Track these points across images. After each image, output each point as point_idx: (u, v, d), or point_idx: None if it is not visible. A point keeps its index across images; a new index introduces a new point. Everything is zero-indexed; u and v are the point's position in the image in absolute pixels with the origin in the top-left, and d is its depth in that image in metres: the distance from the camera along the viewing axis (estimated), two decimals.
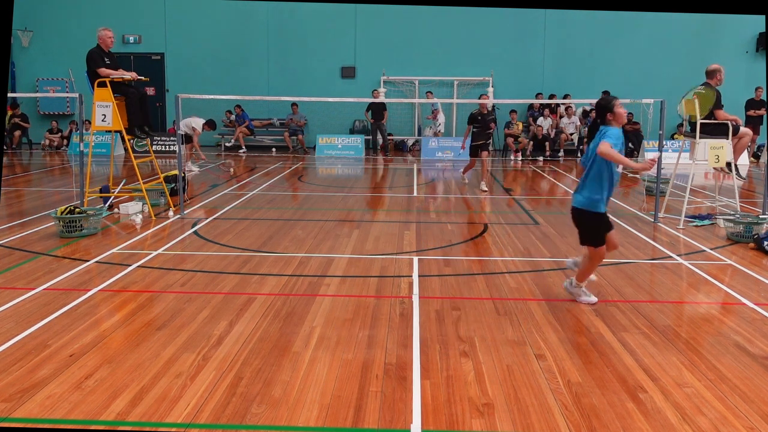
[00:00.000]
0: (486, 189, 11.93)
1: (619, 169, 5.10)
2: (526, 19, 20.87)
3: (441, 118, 20.04)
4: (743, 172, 11.44)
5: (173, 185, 10.20)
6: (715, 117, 8.66)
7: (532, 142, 18.99)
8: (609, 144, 4.91)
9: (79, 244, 7.39)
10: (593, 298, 5.43)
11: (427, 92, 20.24)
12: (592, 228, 5.25)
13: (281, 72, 21.21)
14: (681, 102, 9.01)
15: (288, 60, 21.25)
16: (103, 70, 8.93)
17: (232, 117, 20.24)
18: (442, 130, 20.06)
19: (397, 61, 20.89)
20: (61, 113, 21.29)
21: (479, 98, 13.60)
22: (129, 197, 9.89)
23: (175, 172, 10.55)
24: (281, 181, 13.55)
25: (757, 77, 18.97)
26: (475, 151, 12.25)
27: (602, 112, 5.20)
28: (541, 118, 19.39)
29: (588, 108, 19.49)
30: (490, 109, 12.48)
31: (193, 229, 8.31)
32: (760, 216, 8.35)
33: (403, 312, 5.18)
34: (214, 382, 3.87)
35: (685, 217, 8.73)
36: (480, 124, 12.14)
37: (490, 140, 12.17)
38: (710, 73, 8.85)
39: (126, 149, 12.27)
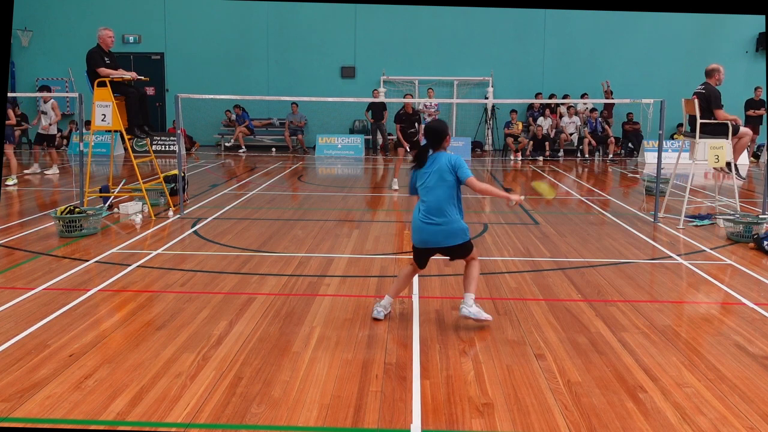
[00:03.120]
0: (396, 188, 11.97)
1: None
2: (526, 19, 20.88)
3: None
4: (743, 172, 11.45)
5: (173, 185, 10.21)
6: (715, 117, 8.66)
7: (531, 142, 18.99)
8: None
9: (78, 244, 7.39)
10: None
11: (428, 89, 20.13)
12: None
13: (281, 72, 21.22)
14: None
15: (288, 60, 21.25)
16: (103, 70, 8.93)
17: (232, 117, 20.25)
18: None
19: (397, 61, 20.88)
20: (60, 113, 21.25)
21: (404, 97, 13.55)
22: (129, 197, 9.89)
23: (175, 172, 10.55)
24: (281, 181, 13.55)
25: (757, 77, 18.97)
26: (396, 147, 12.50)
27: (439, 137, 4.73)
28: (541, 118, 19.38)
29: (589, 107, 19.50)
30: (415, 109, 12.59)
31: (193, 229, 8.31)
32: (760, 216, 8.34)
33: (402, 312, 5.18)
34: (214, 382, 3.87)
35: (685, 217, 8.73)
36: (405, 123, 12.29)
37: (415, 140, 12.29)
38: (709, 73, 8.87)
39: (126, 149, 12.27)
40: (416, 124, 12.32)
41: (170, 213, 9.24)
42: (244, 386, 3.82)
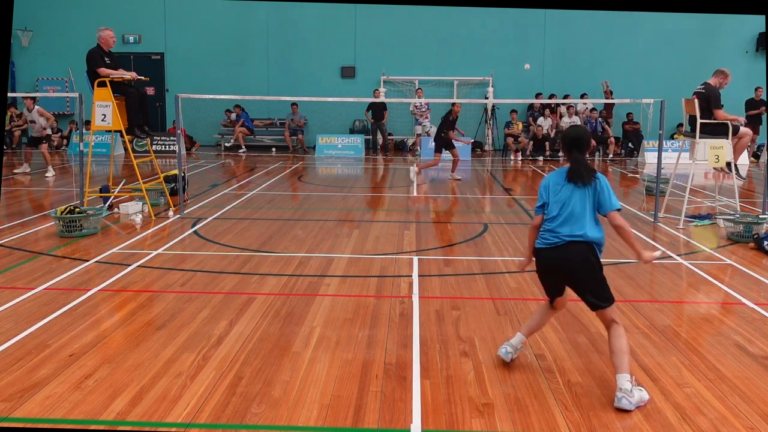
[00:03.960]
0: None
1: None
2: (526, 19, 20.87)
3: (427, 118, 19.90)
4: (743, 172, 11.45)
5: (173, 185, 10.20)
6: (714, 117, 8.65)
7: (531, 142, 18.99)
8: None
9: (78, 244, 7.39)
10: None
11: (417, 89, 20.11)
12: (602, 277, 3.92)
13: (281, 72, 21.21)
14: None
15: (288, 60, 21.24)
16: (103, 70, 8.93)
17: (232, 116, 20.25)
18: (432, 131, 19.95)
19: (397, 61, 20.88)
20: (60, 113, 21.27)
21: (453, 105, 13.67)
22: (129, 197, 9.89)
23: (175, 171, 10.55)
24: (281, 180, 13.55)
25: (757, 77, 18.96)
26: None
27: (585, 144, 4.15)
28: (542, 118, 19.38)
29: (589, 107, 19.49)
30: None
31: (193, 229, 8.31)
32: (760, 216, 8.34)
33: (403, 312, 5.18)
34: (214, 382, 3.87)
35: (685, 216, 8.73)
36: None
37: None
38: (716, 73, 8.84)
39: (126, 149, 12.27)
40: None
41: (170, 213, 9.24)
42: (244, 386, 3.82)
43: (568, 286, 3.99)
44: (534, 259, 4.07)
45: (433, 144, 13.83)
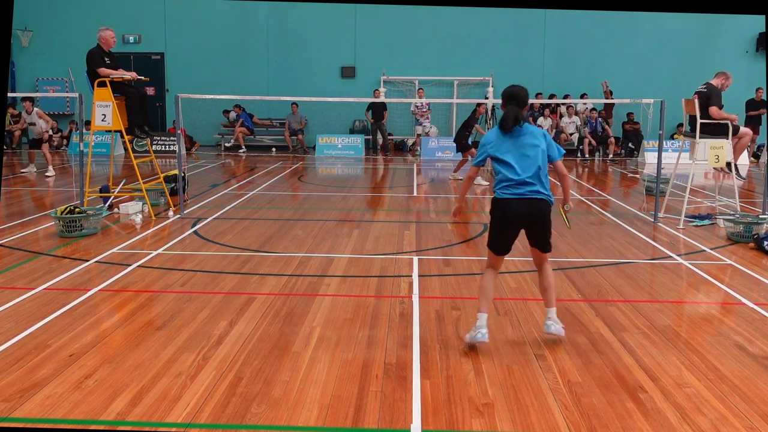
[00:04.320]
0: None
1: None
2: (526, 19, 20.87)
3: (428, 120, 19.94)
4: (743, 172, 11.45)
5: (173, 185, 10.20)
6: (709, 114, 8.64)
7: None
8: None
9: (78, 244, 7.39)
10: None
11: (418, 89, 20.13)
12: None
13: (281, 72, 21.21)
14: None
15: (288, 60, 21.24)
16: (103, 70, 8.92)
17: (231, 115, 20.23)
18: (432, 131, 19.97)
19: (397, 61, 20.88)
20: (61, 113, 21.28)
21: (478, 106, 13.83)
22: (129, 197, 9.89)
23: (175, 172, 10.55)
24: (281, 181, 13.55)
25: (757, 77, 18.96)
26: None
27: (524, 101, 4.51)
28: (541, 118, 19.38)
29: (589, 107, 19.50)
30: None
31: (193, 229, 8.31)
32: (760, 216, 8.34)
33: (403, 312, 5.18)
34: (214, 382, 3.87)
35: (685, 217, 8.73)
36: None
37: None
38: (718, 74, 8.86)
39: (126, 149, 12.26)
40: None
41: (170, 213, 9.24)
42: (244, 386, 3.82)
43: (529, 235, 4.54)
44: (491, 209, 4.57)
45: (455, 145, 13.81)
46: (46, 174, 13.77)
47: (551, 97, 20.06)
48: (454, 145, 13.86)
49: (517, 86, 4.64)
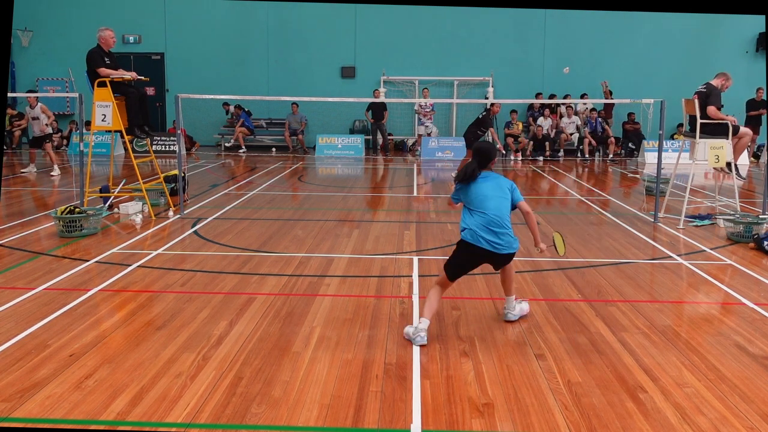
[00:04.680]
0: None
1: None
2: (526, 19, 20.87)
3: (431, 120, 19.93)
4: (743, 172, 11.44)
5: (173, 185, 10.21)
6: (707, 113, 8.64)
7: (532, 142, 18.99)
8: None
9: (79, 244, 7.39)
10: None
11: (424, 89, 20.14)
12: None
13: (281, 72, 21.21)
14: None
15: (288, 60, 21.24)
16: (103, 70, 8.92)
17: (230, 109, 20.19)
18: (433, 132, 19.97)
19: (397, 61, 20.88)
20: (61, 113, 21.27)
21: (491, 105, 13.91)
22: (129, 197, 9.89)
23: (175, 172, 10.55)
24: (281, 181, 13.55)
25: (757, 77, 18.97)
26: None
27: (489, 158, 4.81)
28: (542, 118, 19.37)
29: (589, 107, 19.49)
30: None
31: (193, 229, 8.31)
32: (760, 216, 8.34)
33: (403, 312, 5.18)
34: (214, 382, 3.87)
35: (685, 217, 8.73)
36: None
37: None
38: (719, 74, 8.86)
39: (126, 149, 12.26)
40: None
41: (170, 213, 9.24)
42: (244, 386, 3.82)
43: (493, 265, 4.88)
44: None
45: (464, 140, 14.01)
46: (51, 173, 13.78)
47: (551, 97, 20.06)
48: (464, 140, 13.92)
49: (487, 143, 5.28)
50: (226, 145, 20.16)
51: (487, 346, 4.47)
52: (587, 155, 18.81)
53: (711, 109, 8.60)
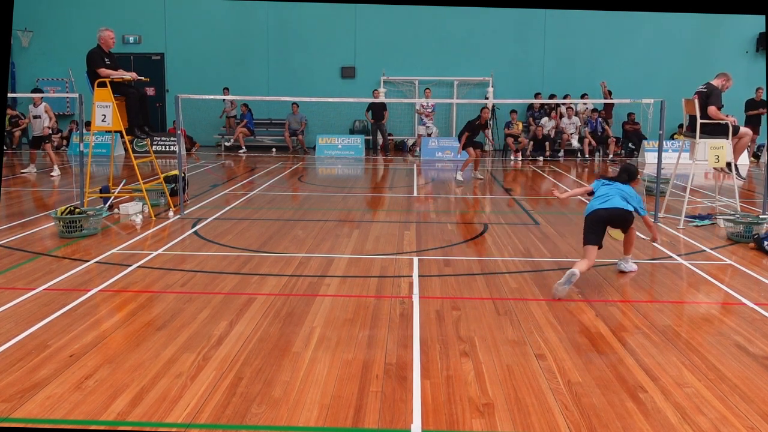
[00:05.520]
0: (461, 179, 12.49)
1: None
2: (526, 19, 20.87)
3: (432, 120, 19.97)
4: (743, 172, 11.45)
5: (173, 185, 10.20)
6: (708, 114, 8.64)
7: (532, 142, 18.99)
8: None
9: (79, 245, 7.39)
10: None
11: (426, 89, 20.17)
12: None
13: (281, 72, 21.21)
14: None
15: (288, 60, 21.24)
16: (103, 71, 8.93)
17: (226, 104, 20.15)
18: (434, 132, 19.99)
19: (397, 61, 20.88)
20: (61, 113, 21.26)
21: (482, 111, 13.96)
22: (129, 197, 9.89)
23: (175, 172, 10.55)
24: (281, 181, 13.55)
25: (757, 77, 18.96)
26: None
27: (634, 176, 6.36)
28: (546, 119, 19.36)
29: (590, 107, 19.49)
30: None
31: (193, 230, 8.31)
32: (760, 216, 8.34)
33: (403, 312, 5.18)
34: (215, 383, 3.87)
35: (685, 217, 8.73)
36: (473, 133, 13.14)
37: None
38: (719, 75, 8.87)
39: (126, 149, 12.27)
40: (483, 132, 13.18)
41: (170, 213, 9.24)
42: (244, 386, 3.82)
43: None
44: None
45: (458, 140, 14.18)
46: (51, 174, 13.78)
47: (551, 97, 20.06)
48: (458, 139, 14.04)
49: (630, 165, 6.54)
50: (226, 144, 20.16)
51: (487, 346, 4.47)
52: (587, 155, 18.81)
53: (711, 110, 8.60)
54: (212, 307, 5.23)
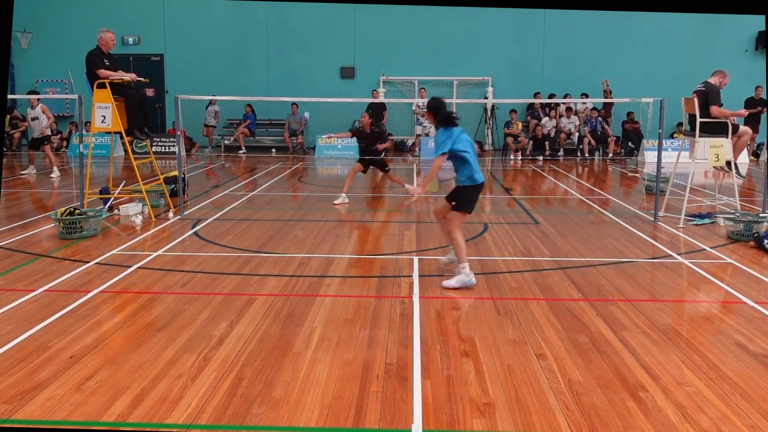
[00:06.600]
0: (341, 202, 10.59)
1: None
2: (526, 19, 20.86)
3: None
4: (743, 171, 11.45)
5: (173, 186, 10.21)
6: (711, 113, 8.64)
7: (531, 142, 18.99)
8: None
9: (79, 246, 7.39)
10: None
11: (421, 89, 20.15)
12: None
13: (281, 72, 21.21)
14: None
15: (288, 60, 21.24)
16: (103, 72, 8.93)
17: (210, 109, 20.12)
18: (432, 132, 19.98)
19: (396, 61, 20.88)
20: (60, 115, 21.26)
21: (371, 92, 13.52)
22: (129, 198, 9.89)
23: (175, 173, 10.55)
24: (281, 181, 13.55)
25: (756, 76, 18.95)
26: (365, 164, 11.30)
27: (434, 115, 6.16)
28: (546, 119, 19.35)
29: (589, 107, 19.49)
30: (376, 129, 11.70)
31: (193, 230, 8.31)
32: (760, 214, 8.34)
33: (403, 312, 5.18)
34: (215, 383, 3.87)
35: (685, 215, 8.73)
36: (364, 141, 11.41)
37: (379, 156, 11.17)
38: (716, 72, 8.87)
39: (126, 150, 12.27)
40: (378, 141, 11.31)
41: (170, 214, 9.24)
42: (245, 387, 3.82)
43: None
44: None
45: None
46: (51, 175, 13.79)
47: (551, 96, 20.06)
48: None
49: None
50: (226, 143, 20.16)
51: (487, 346, 4.47)
52: (587, 154, 18.81)
53: (714, 109, 8.60)
54: (212, 308, 5.23)
